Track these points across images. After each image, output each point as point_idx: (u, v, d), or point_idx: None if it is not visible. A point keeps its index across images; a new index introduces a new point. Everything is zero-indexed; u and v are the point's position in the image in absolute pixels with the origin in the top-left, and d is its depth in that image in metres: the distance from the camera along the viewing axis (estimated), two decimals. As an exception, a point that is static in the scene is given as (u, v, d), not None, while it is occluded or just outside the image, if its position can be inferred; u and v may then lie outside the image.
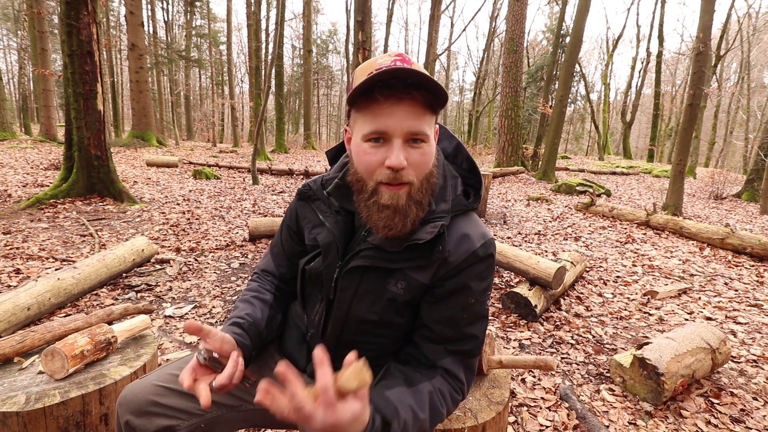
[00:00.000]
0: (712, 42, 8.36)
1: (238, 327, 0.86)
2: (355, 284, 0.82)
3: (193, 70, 30.07)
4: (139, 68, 13.38)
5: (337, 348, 0.89)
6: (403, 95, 0.70)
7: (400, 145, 0.71)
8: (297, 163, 12.21)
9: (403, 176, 0.72)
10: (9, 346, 1.29)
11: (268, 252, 1.06)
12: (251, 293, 0.98)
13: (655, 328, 2.70)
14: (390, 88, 0.69)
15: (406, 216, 0.74)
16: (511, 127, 12.18)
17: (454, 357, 0.80)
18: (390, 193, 0.73)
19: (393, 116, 0.70)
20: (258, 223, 4.14)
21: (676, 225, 5.23)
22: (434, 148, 0.78)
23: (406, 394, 0.72)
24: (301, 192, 0.94)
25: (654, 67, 20.34)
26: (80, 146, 5.15)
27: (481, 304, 0.81)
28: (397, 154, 0.70)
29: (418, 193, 0.75)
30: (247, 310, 0.91)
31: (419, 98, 0.71)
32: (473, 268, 0.78)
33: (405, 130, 0.71)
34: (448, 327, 0.79)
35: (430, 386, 0.76)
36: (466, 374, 0.82)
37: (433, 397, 0.75)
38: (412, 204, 0.74)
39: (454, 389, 0.79)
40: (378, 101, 0.70)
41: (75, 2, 4.79)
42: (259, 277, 1.05)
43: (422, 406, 0.72)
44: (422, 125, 0.72)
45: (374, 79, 0.68)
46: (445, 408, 0.77)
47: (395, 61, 0.73)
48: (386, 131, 0.71)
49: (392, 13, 18.99)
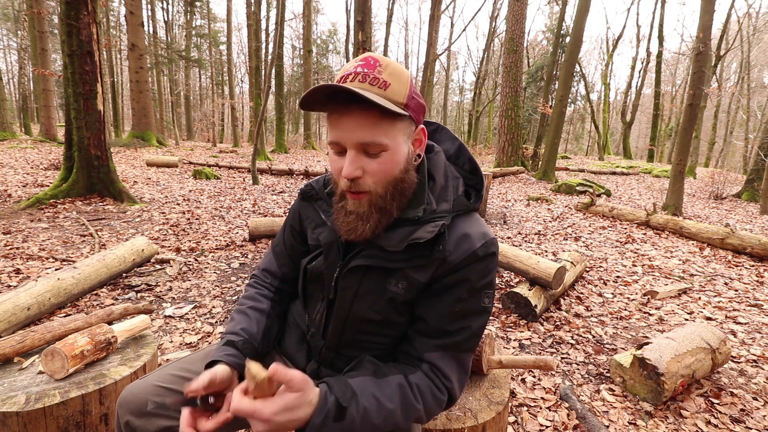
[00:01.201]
0: (712, 42, 8.37)
1: (232, 347, 0.85)
2: (356, 284, 0.82)
3: (193, 70, 30.08)
4: (139, 68, 13.38)
5: (339, 347, 0.89)
6: (348, 107, 0.70)
7: (353, 156, 0.72)
8: (297, 163, 12.21)
9: (360, 185, 0.73)
10: (9, 346, 1.29)
11: (270, 251, 1.06)
12: (248, 303, 0.97)
13: (655, 328, 2.70)
14: (335, 102, 0.70)
15: (366, 222, 0.76)
16: (511, 127, 12.18)
17: (444, 352, 0.78)
18: (353, 200, 0.75)
19: (342, 128, 0.71)
20: (258, 223, 4.14)
21: (676, 225, 5.23)
22: (402, 154, 0.75)
23: (371, 383, 0.72)
24: (304, 192, 0.95)
25: (654, 67, 20.35)
26: (80, 146, 5.15)
27: (477, 300, 0.79)
28: (348, 165, 0.71)
29: (381, 200, 0.75)
30: (243, 324, 0.91)
31: (368, 108, 0.69)
32: (472, 267, 0.78)
33: (355, 141, 0.71)
34: (439, 319, 0.79)
35: (401, 379, 0.75)
36: (457, 373, 0.79)
37: (405, 391, 0.73)
38: (374, 211, 0.75)
39: (436, 386, 0.77)
40: (331, 112, 0.72)
41: (75, 2, 4.79)
42: (257, 280, 1.04)
43: (390, 397, 0.71)
44: (375, 135, 0.70)
45: (312, 94, 0.68)
46: (422, 404, 0.74)
47: (356, 67, 0.71)
48: (339, 142, 0.72)
49: (392, 13, 18.99)
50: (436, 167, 0.84)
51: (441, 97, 35.06)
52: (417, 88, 0.78)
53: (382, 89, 0.70)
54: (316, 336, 0.92)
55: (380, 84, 0.70)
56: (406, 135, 0.76)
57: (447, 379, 0.78)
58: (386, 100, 0.69)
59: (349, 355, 0.90)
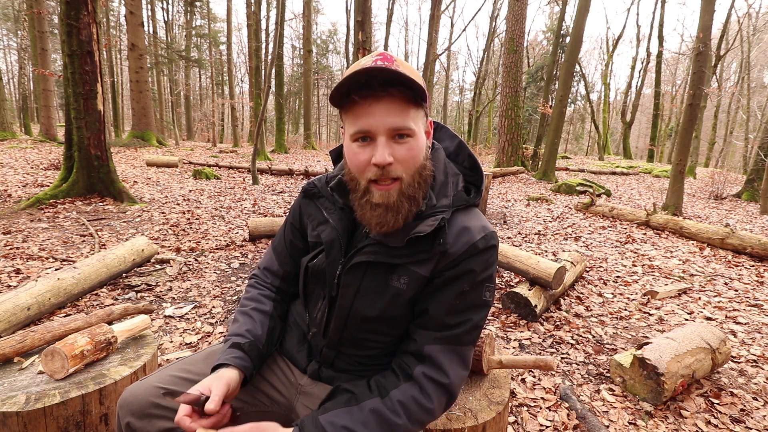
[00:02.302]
0: (712, 42, 8.37)
1: (239, 349, 0.86)
2: (358, 280, 0.83)
3: (193, 70, 30.07)
4: (139, 68, 13.38)
5: (340, 345, 0.89)
6: (382, 93, 0.71)
7: (385, 142, 0.73)
8: (297, 163, 12.21)
9: (391, 172, 0.74)
10: (9, 346, 1.29)
11: (271, 250, 1.05)
12: (251, 304, 0.97)
13: (655, 328, 2.70)
14: (368, 88, 0.71)
15: (398, 212, 0.76)
16: (511, 127, 12.18)
17: (444, 345, 0.78)
18: (380, 192, 0.75)
19: (373, 115, 0.72)
20: (258, 223, 4.14)
21: (676, 225, 5.23)
22: (423, 141, 0.78)
23: (342, 415, 0.73)
24: (306, 190, 0.96)
25: (654, 67, 20.36)
26: (80, 146, 5.14)
27: (478, 293, 0.80)
28: (381, 151, 0.72)
29: (410, 188, 0.76)
30: (248, 326, 0.91)
31: (398, 94, 0.72)
32: (473, 260, 0.79)
33: (387, 127, 0.72)
34: (440, 312, 0.79)
35: (376, 402, 0.75)
36: (457, 367, 0.79)
37: (379, 413, 0.74)
38: (403, 200, 0.76)
39: (424, 394, 0.76)
40: (356, 102, 0.72)
41: (75, 2, 4.79)
42: (258, 280, 1.04)
43: (364, 423, 0.73)
44: (405, 120, 0.73)
45: (350, 80, 0.69)
46: (404, 418, 0.74)
47: (376, 61, 0.73)
48: (369, 130, 0.73)
49: (392, 13, 18.98)
50: (436, 164, 0.85)
51: (441, 97, 35.04)
52: None
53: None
54: (317, 336, 0.92)
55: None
56: (423, 124, 0.78)
57: (444, 375, 0.77)
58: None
59: (350, 354, 0.90)
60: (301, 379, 0.95)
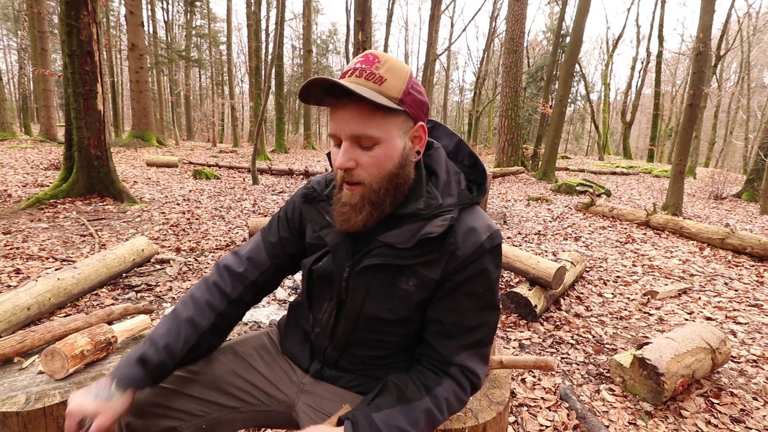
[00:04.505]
0: (712, 42, 8.36)
1: (142, 367, 0.81)
2: (367, 282, 0.82)
3: (193, 70, 30.07)
4: (139, 68, 13.38)
5: (347, 346, 0.89)
6: (346, 100, 0.72)
7: (347, 147, 0.74)
8: (297, 163, 12.21)
9: (353, 176, 0.75)
10: (9, 346, 1.29)
11: (260, 240, 0.98)
12: (188, 311, 0.89)
13: (655, 328, 2.70)
14: (332, 95, 0.72)
15: (359, 213, 0.77)
16: (511, 127, 12.18)
17: (469, 351, 0.80)
18: (347, 192, 0.78)
19: (337, 120, 0.74)
20: (258, 223, 4.14)
21: (676, 225, 5.23)
22: (396, 148, 0.75)
23: (396, 414, 0.74)
24: (306, 195, 0.94)
25: (654, 67, 20.36)
26: (80, 146, 5.14)
27: (491, 294, 0.81)
28: (341, 156, 0.74)
29: (373, 194, 0.76)
30: (168, 339, 0.85)
31: (361, 102, 0.71)
32: (481, 260, 0.79)
33: (348, 133, 0.73)
34: (457, 318, 0.80)
35: (427, 403, 0.76)
36: (482, 366, 0.83)
37: (430, 414, 0.76)
38: (366, 204, 0.77)
39: (462, 388, 0.80)
40: (330, 106, 0.75)
41: (75, 2, 4.79)
42: (223, 277, 0.95)
43: (415, 423, 0.74)
44: (366, 128, 0.72)
45: (306, 88, 0.70)
46: (447, 413, 0.78)
47: (357, 63, 0.74)
48: (335, 134, 0.75)
49: (392, 13, 18.98)
50: (437, 163, 0.84)
51: (441, 97, 35.05)
52: (421, 86, 0.78)
53: (377, 84, 0.71)
54: (320, 336, 0.91)
55: (376, 79, 0.71)
56: (402, 130, 0.76)
57: (476, 376, 0.81)
58: (380, 94, 0.70)
59: (355, 354, 0.90)
60: (303, 379, 0.95)
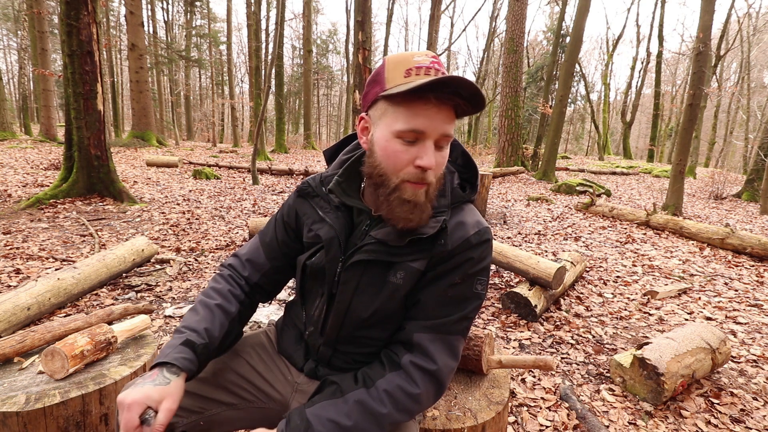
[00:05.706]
0: (712, 42, 8.37)
1: (191, 349, 0.81)
2: (357, 277, 0.83)
3: (193, 70, 30.07)
4: (139, 68, 13.38)
5: (337, 343, 0.90)
6: (448, 101, 0.71)
7: (432, 146, 0.74)
8: (297, 163, 12.21)
9: (428, 176, 0.75)
10: (9, 346, 1.29)
11: (258, 242, 1.00)
12: (217, 299, 0.91)
13: (655, 328, 2.70)
14: (435, 91, 0.70)
15: (423, 211, 0.77)
16: (511, 127, 12.17)
17: (433, 334, 0.79)
18: (412, 190, 0.76)
19: (433, 119, 0.72)
20: (258, 223, 4.14)
21: (676, 225, 5.23)
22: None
23: (327, 407, 0.75)
24: (301, 189, 0.95)
25: (654, 67, 20.36)
26: (80, 146, 5.14)
27: (470, 285, 0.81)
28: (432, 155, 0.73)
29: (433, 192, 0.78)
30: (206, 324, 0.86)
31: (454, 104, 0.73)
32: (465, 254, 0.80)
33: (440, 133, 0.73)
34: (432, 303, 0.81)
35: (360, 394, 0.76)
36: (446, 356, 0.79)
37: (364, 404, 0.74)
38: (427, 201, 0.78)
39: (410, 381, 0.76)
40: (425, 102, 0.71)
41: (75, 2, 4.79)
42: (233, 273, 0.98)
43: (347, 415, 0.73)
44: (451, 128, 0.75)
45: (432, 84, 0.67)
46: (389, 407, 0.74)
47: (433, 63, 0.73)
48: (424, 132, 0.72)
49: (392, 13, 18.97)
50: None
51: (441, 97, 34.89)
52: None
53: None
54: (314, 334, 0.93)
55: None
56: None
57: (432, 362, 0.77)
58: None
59: (346, 352, 0.90)
60: (297, 378, 0.96)
